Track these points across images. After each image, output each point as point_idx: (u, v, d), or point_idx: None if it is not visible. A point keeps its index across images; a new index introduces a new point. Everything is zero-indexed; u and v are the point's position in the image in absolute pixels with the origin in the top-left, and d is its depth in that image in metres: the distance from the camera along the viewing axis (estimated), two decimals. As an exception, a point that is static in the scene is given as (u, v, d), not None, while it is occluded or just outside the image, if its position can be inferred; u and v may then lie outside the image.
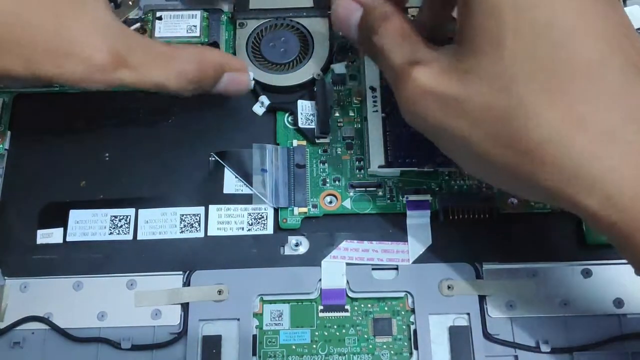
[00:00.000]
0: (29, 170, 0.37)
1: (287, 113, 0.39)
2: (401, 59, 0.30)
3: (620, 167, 0.24)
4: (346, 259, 0.35)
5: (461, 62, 0.27)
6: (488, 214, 0.35)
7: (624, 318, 0.34)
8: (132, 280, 0.35)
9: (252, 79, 0.38)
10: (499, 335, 0.33)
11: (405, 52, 0.30)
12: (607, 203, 0.24)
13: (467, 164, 0.30)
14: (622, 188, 0.24)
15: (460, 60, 0.27)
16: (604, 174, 0.24)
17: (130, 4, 0.41)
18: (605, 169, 0.24)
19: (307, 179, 0.37)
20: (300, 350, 0.34)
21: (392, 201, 0.36)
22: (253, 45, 0.40)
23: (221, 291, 0.34)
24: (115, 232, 0.36)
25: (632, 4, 0.41)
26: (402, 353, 0.34)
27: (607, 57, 0.25)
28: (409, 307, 0.34)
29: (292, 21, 0.40)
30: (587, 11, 0.25)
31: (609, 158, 0.24)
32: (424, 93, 0.28)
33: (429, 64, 0.28)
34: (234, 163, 0.37)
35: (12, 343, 0.34)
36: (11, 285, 0.35)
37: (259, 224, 0.36)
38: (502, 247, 0.35)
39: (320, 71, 0.39)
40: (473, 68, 0.27)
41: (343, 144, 0.38)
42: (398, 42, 0.30)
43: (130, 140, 0.38)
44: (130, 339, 0.33)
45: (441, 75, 0.28)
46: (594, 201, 0.24)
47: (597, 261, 0.34)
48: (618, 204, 0.24)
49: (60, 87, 0.39)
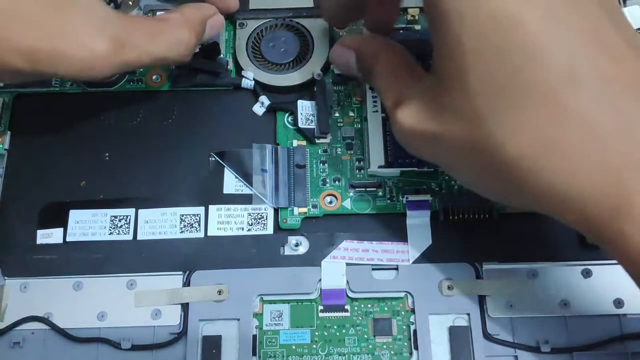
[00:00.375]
0: (29, 170, 0.37)
1: (287, 113, 0.39)
2: (390, 100, 0.31)
3: (591, 184, 0.24)
4: (346, 259, 0.35)
5: (435, 98, 0.28)
6: (488, 214, 0.35)
7: (624, 318, 0.34)
8: (132, 281, 0.35)
9: (252, 78, 0.39)
10: (498, 336, 0.33)
11: (394, 92, 0.31)
12: (585, 217, 0.25)
13: (463, 183, 0.32)
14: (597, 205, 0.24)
15: (435, 96, 0.28)
16: (577, 195, 0.25)
17: (130, 3, 0.41)
18: (578, 189, 0.24)
19: (307, 179, 0.37)
20: (300, 350, 0.34)
21: (392, 201, 0.36)
22: (253, 45, 0.40)
23: (221, 291, 0.34)
24: (115, 232, 0.36)
25: (632, 4, 0.41)
26: (402, 353, 0.34)
27: (572, 75, 0.24)
28: (409, 307, 0.34)
29: (292, 21, 0.40)
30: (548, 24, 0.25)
31: (580, 176, 0.24)
32: (409, 133, 0.30)
33: (409, 104, 0.30)
34: (234, 163, 0.37)
35: (12, 343, 0.34)
36: (11, 285, 0.35)
37: (258, 224, 0.36)
38: (502, 247, 0.35)
39: (320, 71, 0.39)
40: (445, 104, 0.27)
41: (343, 144, 0.38)
42: (388, 82, 0.32)
43: (130, 140, 0.38)
44: (130, 339, 0.33)
45: (420, 113, 0.29)
46: (574, 216, 0.25)
47: (597, 261, 0.34)
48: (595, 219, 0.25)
49: (60, 87, 0.39)
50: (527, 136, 0.25)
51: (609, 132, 0.24)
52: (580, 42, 0.25)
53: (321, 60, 0.39)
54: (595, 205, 0.24)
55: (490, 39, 0.25)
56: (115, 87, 0.39)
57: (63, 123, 0.38)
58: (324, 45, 0.39)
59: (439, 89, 0.28)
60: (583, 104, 0.24)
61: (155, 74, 0.40)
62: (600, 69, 0.24)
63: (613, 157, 0.24)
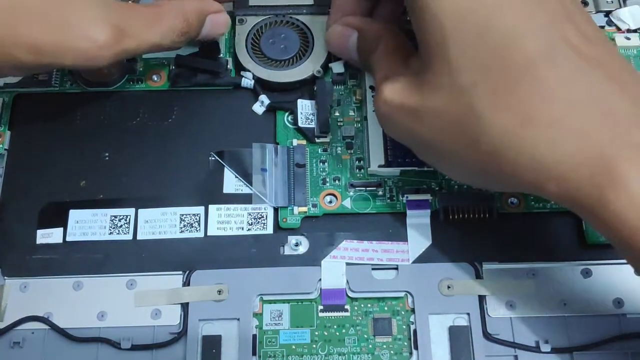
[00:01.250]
0: (29, 170, 0.37)
1: (287, 112, 0.39)
2: (379, 75, 0.33)
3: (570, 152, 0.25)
4: (346, 259, 0.35)
5: (419, 75, 0.29)
6: (488, 213, 0.35)
7: (624, 318, 0.34)
8: (132, 280, 0.35)
9: (252, 78, 0.39)
10: (498, 335, 0.33)
11: (385, 69, 0.32)
12: (566, 186, 0.26)
13: (441, 166, 0.32)
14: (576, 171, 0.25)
15: (419, 73, 0.29)
16: (556, 163, 0.26)
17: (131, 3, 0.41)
18: (557, 157, 0.26)
19: (307, 178, 0.37)
20: (300, 350, 0.34)
21: (392, 201, 0.36)
22: (253, 41, 0.40)
23: (221, 291, 0.34)
24: (115, 232, 0.36)
25: (632, 4, 0.41)
26: (402, 353, 0.34)
27: (548, 52, 0.26)
28: (408, 307, 0.34)
29: (292, 18, 0.40)
30: (523, 8, 0.27)
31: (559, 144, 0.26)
32: (391, 106, 0.31)
33: (396, 79, 0.31)
34: (234, 162, 0.37)
35: (12, 343, 0.34)
36: (11, 285, 0.35)
37: (258, 223, 0.36)
38: (502, 247, 0.35)
39: (320, 68, 0.38)
40: (428, 80, 0.29)
41: (343, 144, 0.38)
42: (384, 61, 0.33)
43: (130, 140, 0.38)
44: (130, 339, 0.33)
45: (405, 89, 0.30)
46: (554, 187, 0.26)
47: (597, 261, 0.34)
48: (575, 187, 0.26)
49: (60, 87, 0.39)
50: (508, 109, 0.26)
51: (584, 103, 0.26)
52: (555, 22, 0.27)
53: (321, 57, 0.39)
54: (574, 171, 0.25)
55: (470, 19, 0.27)
56: (115, 87, 0.39)
57: (63, 123, 0.38)
58: (323, 43, 0.39)
59: (423, 66, 0.29)
60: (560, 77, 0.26)
61: (155, 73, 0.40)
62: (574, 47, 0.26)
63: (589, 125, 0.25)
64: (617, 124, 0.25)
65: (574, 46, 0.26)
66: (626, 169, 0.25)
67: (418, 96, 0.29)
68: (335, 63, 0.39)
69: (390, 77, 0.31)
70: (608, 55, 0.27)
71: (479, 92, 0.27)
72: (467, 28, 0.27)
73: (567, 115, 0.26)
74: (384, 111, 0.31)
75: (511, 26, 0.26)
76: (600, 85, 0.26)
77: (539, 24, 0.26)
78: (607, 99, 0.26)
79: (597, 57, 0.27)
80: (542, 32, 0.26)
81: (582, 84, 0.26)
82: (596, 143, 0.25)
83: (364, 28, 0.35)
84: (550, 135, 0.26)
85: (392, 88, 0.31)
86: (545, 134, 0.26)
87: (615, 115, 0.26)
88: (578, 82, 0.26)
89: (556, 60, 0.26)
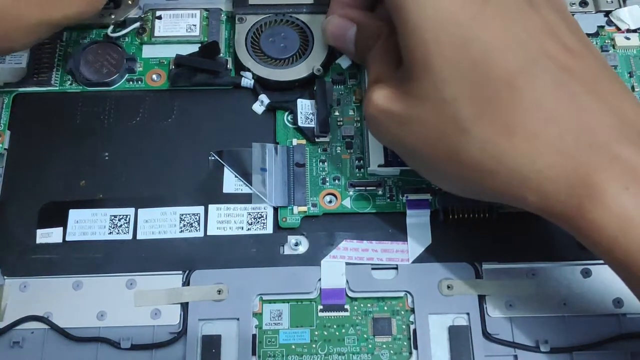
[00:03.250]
0: (29, 170, 0.37)
1: (286, 112, 0.39)
2: (371, 76, 0.33)
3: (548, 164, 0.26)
4: (346, 259, 0.35)
5: (404, 83, 0.30)
6: (488, 213, 0.35)
7: (624, 318, 0.34)
8: (132, 280, 0.35)
9: (252, 77, 0.39)
10: (498, 335, 0.33)
11: (378, 71, 0.33)
12: (545, 197, 0.26)
13: (426, 174, 0.32)
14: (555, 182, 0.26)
15: (404, 81, 0.30)
16: (536, 174, 0.26)
17: (130, 3, 0.41)
18: (536, 169, 0.26)
19: (307, 178, 0.37)
20: (300, 350, 0.34)
21: (392, 200, 0.36)
22: (252, 40, 0.40)
23: (221, 291, 0.34)
24: (115, 232, 0.36)
25: (631, 4, 0.41)
26: (402, 353, 0.34)
27: (527, 66, 0.26)
28: (408, 306, 0.34)
29: (291, 17, 0.40)
30: (504, 22, 0.27)
31: (538, 156, 0.26)
32: (378, 111, 0.31)
33: (386, 83, 0.31)
34: (234, 162, 0.37)
35: (12, 343, 0.34)
36: (11, 284, 0.35)
37: (258, 223, 0.36)
38: (502, 247, 0.35)
39: (320, 66, 0.38)
40: (412, 90, 0.29)
41: (343, 143, 0.38)
42: (380, 60, 0.33)
43: (130, 140, 0.38)
44: (130, 339, 0.33)
45: (392, 95, 0.30)
46: (534, 198, 0.27)
47: (596, 261, 0.34)
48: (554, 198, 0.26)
49: (60, 87, 0.39)
50: (489, 121, 0.27)
51: (562, 115, 0.26)
52: (535, 36, 0.27)
53: (321, 56, 0.39)
54: (553, 182, 0.26)
55: (451, 31, 0.27)
56: (115, 87, 0.39)
57: (63, 123, 0.38)
58: (323, 41, 0.39)
59: (407, 74, 0.29)
60: (539, 90, 0.26)
61: (155, 73, 0.40)
62: (555, 60, 0.27)
63: (567, 137, 0.26)
64: (595, 136, 0.26)
65: (555, 59, 0.27)
66: (604, 181, 0.25)
67: (404, 104, 0.29)
68: (341, 58, 0.39)
69: (380, 80, 0.32)
70: (591, 67, 0.28)
71: (460, 104, 0.27)
72: (449, 40, 0.27)
73: (545, 128, 0.26)
74: (372, 114, 0.31)
75: (491, 40, 0.27)
76: (579, 97, 0.26)
77: (518, 38, 0.27)
78: (586, 111, 0.26)
79: (579, 69, 0.27)
80: (522, 46, 0.27)
81: (561, 96, 0.26)
82: (574, 155, 0.26)
83: (363, 23, 0.35)
84: (529, 147, 0.26)
85: (381, 93, 0.31)
86: (524, 146, 0.26)
87: (594, 128, 0.26)
88: (557, 94, 0.26)
89: (535, 73, 0.26)
